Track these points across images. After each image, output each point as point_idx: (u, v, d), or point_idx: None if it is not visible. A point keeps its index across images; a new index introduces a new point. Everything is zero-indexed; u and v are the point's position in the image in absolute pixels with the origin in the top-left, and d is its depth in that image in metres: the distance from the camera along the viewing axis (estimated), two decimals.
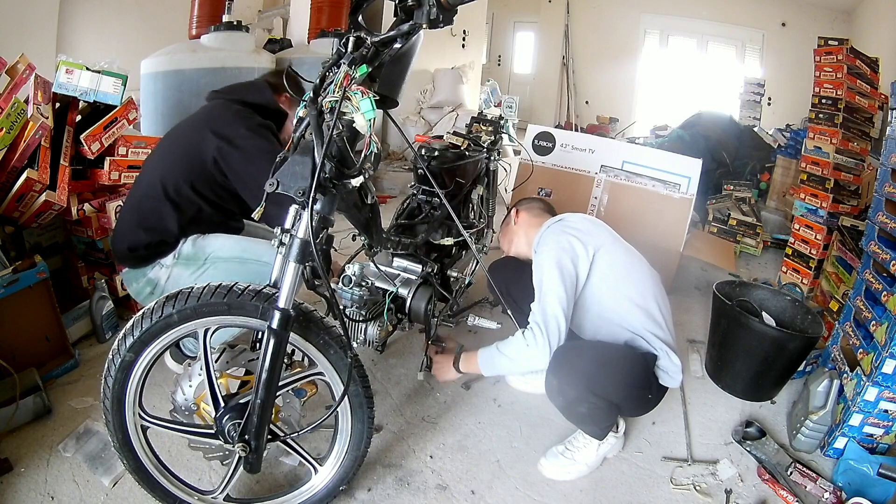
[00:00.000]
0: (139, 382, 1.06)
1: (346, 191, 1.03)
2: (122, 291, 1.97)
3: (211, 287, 1.02)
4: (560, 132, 2.81)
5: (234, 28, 3.52)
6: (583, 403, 1.28)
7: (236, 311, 1.02)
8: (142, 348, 1.02)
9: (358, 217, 1.17)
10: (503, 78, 8.06)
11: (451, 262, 1.70)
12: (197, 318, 1.02)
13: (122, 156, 1.97)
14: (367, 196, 1.14)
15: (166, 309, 1.00)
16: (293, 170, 0.96)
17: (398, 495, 1.32)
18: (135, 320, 1.01)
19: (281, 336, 0.98)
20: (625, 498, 1.35)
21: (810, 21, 5.55)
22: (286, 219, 1.04)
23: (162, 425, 1.12)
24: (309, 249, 0.98)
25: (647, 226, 2.42)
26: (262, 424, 1.02)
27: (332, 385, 1.14)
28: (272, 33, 4.41)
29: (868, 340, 1.48)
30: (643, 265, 1.44)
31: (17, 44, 2.61)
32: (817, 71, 2.50)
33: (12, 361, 1.45)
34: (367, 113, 0.93)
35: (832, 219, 2.43)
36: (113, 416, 1.07)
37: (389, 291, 1.40)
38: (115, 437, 1.09)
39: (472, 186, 1.92)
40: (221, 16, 3.52)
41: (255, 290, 1.03)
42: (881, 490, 1.31)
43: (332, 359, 1.10)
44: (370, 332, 1.36)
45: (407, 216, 1.67)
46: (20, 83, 1.71)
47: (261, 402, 1.00)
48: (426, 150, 1.67)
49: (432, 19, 0.96)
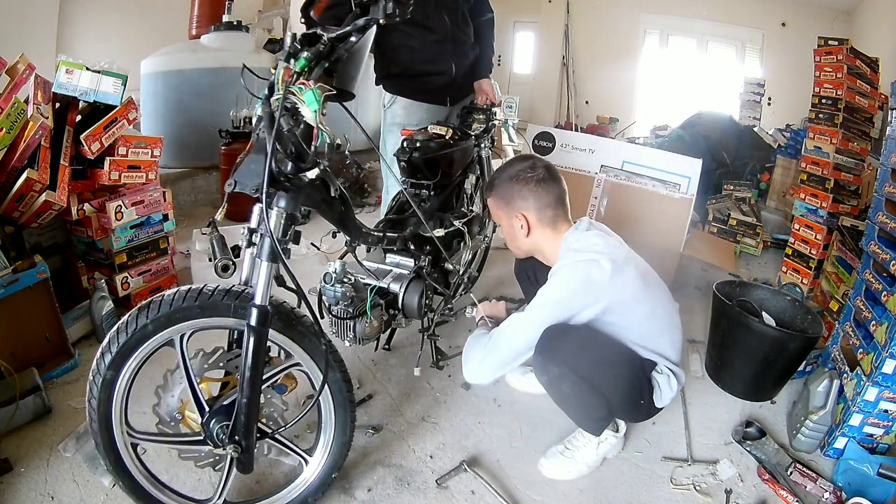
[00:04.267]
0: (123, 399, 1.05)
1: (307, 185, 1.04)
2: (122, 291, 1.98)
3: (181, 292, 1.02)
4: (560, 132, 2.81)
5: (234, 28, 3.53)
6: (565, 381, 1.24)
7: (209, 312, 1.02)
8: (121, 363, 1.01)
9: (329, 212, 1.17)
10: (503, 78, 8.05)
11: (449, 255, 1.67)
12: (172, 325, 1.01)
13: (122, 156, 1.97)
14: (331, 189, 1.14)
15: (140, 320, 0.99)
16: (249, 168, 0.98)
17: (398, 495, 1.32)
18: (110, 336, 1.01)
19: (261, 332, 0.99)
20: (625, 498, 1.35)
21: (810, 21, 5.54)
22: (251, 218, 1.05)
23: (151, 440, 1.12)
24: (279, 247, 1.00)
25: (647, 226, 2.42)
26: (251, 423, 1.03)
27: (310, 374, 1.15)
28: (272, 33, 4.41)
29: (868, 340, 1.48)
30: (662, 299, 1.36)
31: (17, 44, 2.62)
32: (817, 71, 2.50)
33: (12, 361, 1.46)
34: (310, 105, 0.95)
35: (832, 219, 2.43)
36: (102, 438, 1.05)
37: (372, 286, 1.40)
38: (107, 459, 1.07)
39: (462, 175, 1.89)
40: (221, 16, 3.54)
41: (224, 289, 1.03)
42: (881, 490, 1.31)
43: (308, 348, 1.11)
44: (359, 328, 1.36)
45: (397, 211, 1.64)
46: (20, 83, 1.71)
47: (247, 401, 1.01)
48: (408, 142, 1.63)
49: (388, 13, 0.98)
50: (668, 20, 6.85)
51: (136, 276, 2.02)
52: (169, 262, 2.17)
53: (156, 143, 2.09)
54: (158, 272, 2.12)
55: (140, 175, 2.05)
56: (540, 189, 1.33)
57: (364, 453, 1.44)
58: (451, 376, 1.79)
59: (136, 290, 2.04)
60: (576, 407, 1.33)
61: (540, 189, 1.33)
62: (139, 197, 1.99)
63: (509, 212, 1.37)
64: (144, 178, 2.07)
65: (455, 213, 1.69)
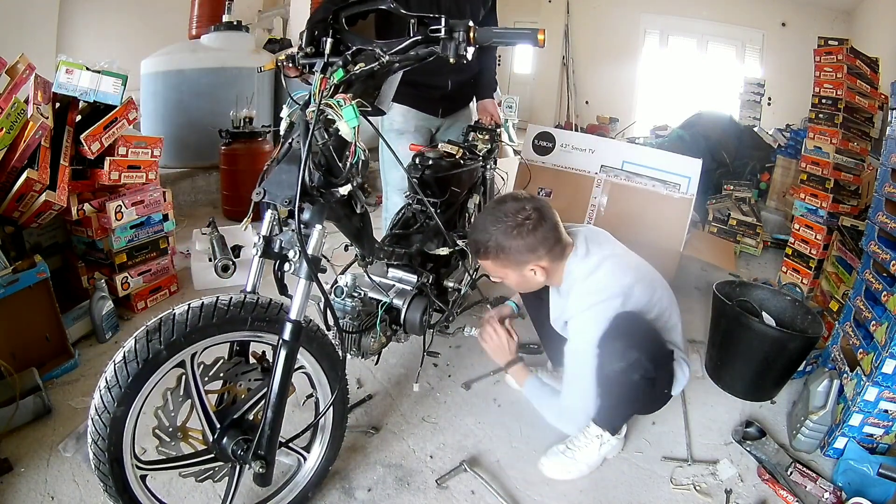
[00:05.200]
0: (132, 433, 0.94)
1: (335, 200, 1.02)
2: (122, 291, 1.98)
3: (195, 309, 0.93)
4: (560, 132, 2.81)
5: (234, 28, 3.53)
6: (639, 369, 1.20)
7: (226, 327, 0.96)
8: (132, 397, 0.89)
9: (349, 227, 1.15)
10: (503, 78, 8.05)
11: (447, 273, 1.67)
12: (188, 346, 0.93)
13: (122, 156, 1.97)
14: (357, 205, 1.12)
15: (153, 346, 0.88)
16: (279, 178, 0.95)
17: (398, 495, 1.32)
18: (116, 367, 0.88)
19: (293, 347, 0.97)
20: (625, 498, 1.35)
21: (810, 21, 5.54)
22: (263, 225, 1.03)
23: (160, 468, 1.03)
24: (320, 265, 0.97)
25: (647, 226, 2.42)
26: (275, 438, 1.00)
27: (312, 376, 1.16)
28: (272, 33, 4.41)
29: (868, 340, 1.48)
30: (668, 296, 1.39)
31: (17, 44, 2.61)
32: (817, 71, 2.50)
33: (12, 361, 1.46)
34: (350, 121, 0.92)
35: (832, 219, 2.43)
36: (114, 481, 0.93)
37: (383, 302, 1.39)
38: (121, 500, 0.95)
39: (467, 195, 1.90)
40: (221, 16, 3.54)
41: (239, 301, 0.98)
42: (881, 490, 1.31)
43: (315, 353, 1.11)
44: (364, 342, 1.35)
45: (402, 226, 1.63)
46: (20, 83, 1.71)
47: (273, 415, 0.98)
48: (420, 159, 1.63)
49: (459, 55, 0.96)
50: (668, 20, 6.85)
51: (136, 276, 2.02)
52: (169, 262, 2.17)
53: (156, 143, 2.10)
54: (158, 272, 2.12)
55: (140, 175, 2.06)
56: (541, 232, 1.21)
57: (364, 453, 1.44)
58: (451, 376, 1.79)
59: (136, 290, 2.04)
60: (627, 399, 1.31)
61: (541, 232, 1.21)
62: (139, 197, 1.99)
63: (520, 268, 1.26)
64: (144, 178, 2.08)
65: (458, 232, 1.69)
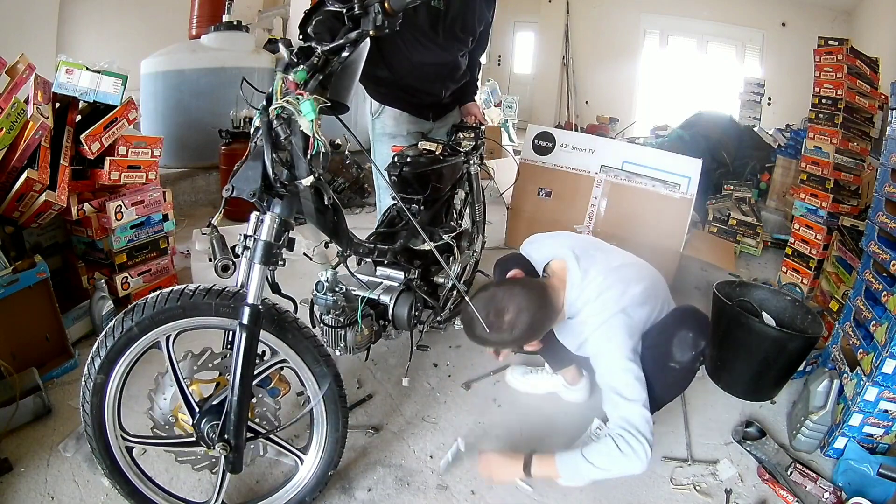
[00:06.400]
0: (115, 403, 1.06)
1: (302, 193, 1.07)
2: (122, 291, 1.98)
3: (164, 294, 1.03)
4: (560, 132, 2.81)
5: (234, 28, 3.53)
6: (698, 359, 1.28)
7: (192, 312, 1.04)
8: (110, 367, 1.03)
9: (323, 222, 1.19)
10: (503, 78, 8.06)
11: (437, 269, 1.68)
12: (156, 327, 1.03)
13: (122, 156, 1.97)
14: (324, 197, 1.17)
15: (126, 323, 1.02)
16: (246, 174, 1.03)
17: (398, 495, 1.32)
18: (99, 342, 1.03)
19: (252, 331, 1.01)
20: (625, 498, 1.35)
21: (810, 21, 5.55)
22: (249, 226, 1.08)
23: (145, 443, 1.13)
24: (273, 251, 1.04)
25: (647, 226, 2.42)
26: (241, 422, 1.04)
27: (297, 371, 1.16)
28: (272, 33, 4.41)
29: (868, 340, 1.48)
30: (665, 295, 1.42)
31: (17, 44, 2.62)
32: (817, 71, 2.50)
33: (12, 361, 1.46)
34: (307, 115, 0.99)
35: (832, 219, 2.43)
36: (97, 443, 1.07)
37: (362, 296, 1.41)
38: (104, 464, 1.09)
39: (452, 191, 1.92)
40: (221, 16, 3.53)
41: (205, 289, 1.04)
42: (881, 490, 1.31)
43: (293, 344, 1.12)
44: (349, 337, 1.37)
45: (388, 224, 1.67)
46: (20, 83, 1.71)
47: (237, 399, 1.02)
48: (399, 158, 1.67)
49: (378, 25, 1.04)
50: (668, 20, 6.85)
51: (136, 276, 2.02)
52: (169, 262, 2.17)
53: (156, 143, 2.10)
54: (158, 272, 2.12)
55: (140, 175, 2.06)
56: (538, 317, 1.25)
57: (364, 453, 1.44)
58: (451, 376, 1.79)
59: (136, 290, 2.04)
60: (680, 386, 1.36)
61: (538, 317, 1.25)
62: (139, 197, 1.99)
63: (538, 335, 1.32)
64: (144, 178, 2.08)
65: (444, 228, 1.71)
